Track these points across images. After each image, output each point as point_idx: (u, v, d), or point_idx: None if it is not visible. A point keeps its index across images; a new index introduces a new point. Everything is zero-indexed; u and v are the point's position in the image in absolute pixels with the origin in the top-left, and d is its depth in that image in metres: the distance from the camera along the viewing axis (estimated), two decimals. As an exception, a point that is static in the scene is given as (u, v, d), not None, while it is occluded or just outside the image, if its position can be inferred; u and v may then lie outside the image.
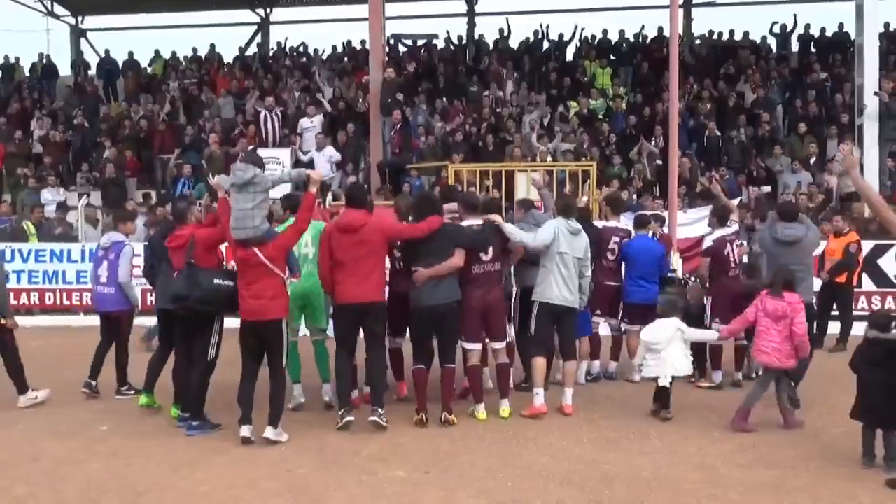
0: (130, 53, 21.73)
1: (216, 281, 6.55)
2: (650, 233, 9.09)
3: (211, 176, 7.44)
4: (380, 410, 6.76)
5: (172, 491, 5.49)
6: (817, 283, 9.01)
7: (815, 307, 8.39)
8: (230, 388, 6.80)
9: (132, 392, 8.00)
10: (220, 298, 6.56)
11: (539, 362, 7.19)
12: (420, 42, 21.17)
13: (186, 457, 6.20)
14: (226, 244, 6.84)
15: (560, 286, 7.17)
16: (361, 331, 6.92)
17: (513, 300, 7.71)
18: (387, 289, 7.18)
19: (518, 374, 7.96)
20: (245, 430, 6.40)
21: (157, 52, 22.14)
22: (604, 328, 8.87)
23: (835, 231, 9.59)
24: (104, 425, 7.08)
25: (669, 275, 8.91)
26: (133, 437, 6.69)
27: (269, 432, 6.37)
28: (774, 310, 6.71)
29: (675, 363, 7.13)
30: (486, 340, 7.31)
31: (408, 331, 7.40)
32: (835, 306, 10.26)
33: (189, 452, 6.31)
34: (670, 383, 7.17)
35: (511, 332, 7.60)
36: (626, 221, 8.85)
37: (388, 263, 7.24)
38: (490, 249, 7.08)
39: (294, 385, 7.39)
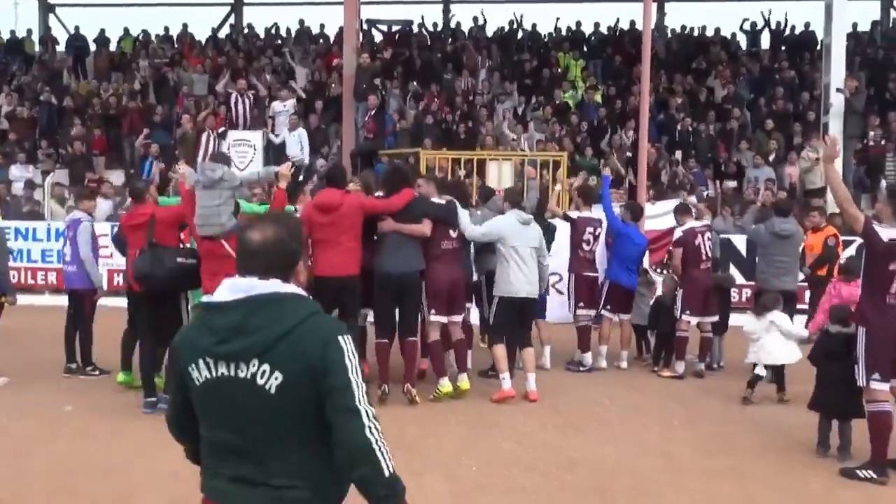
0: (102, 31, 21.29)
1: (179, 260, 6.58)
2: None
3: (181, 160, 7.46)
4: None
5: (139, 472, 5.47)
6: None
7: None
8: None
9: (97, 373, 7.93)
10: (184, 276, 6.58)
11: (500, 349, 7.32)
12: (395, 27, 21.04)
13: (153, 437, 6.11)
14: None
15: (518, 279, 7.28)
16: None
17: (476, 286, 7.88)
18: None
19: (487, 360, 8.04)
20: None
21: (126, 29, 21.72)
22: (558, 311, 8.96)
23: (812, 226, 9.72)
24: (69, 405, 7.01)
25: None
26: (99, 418, 6.64)
27: None
28: (850, 295, 6.84)
29: (773, 353, 7.21)
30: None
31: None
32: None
33: (156, 433, 6.19)
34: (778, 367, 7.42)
35: (476, 315, 7.68)
36: (598, 212, 8.91)
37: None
38: (457, 228, 7.25)
39: None
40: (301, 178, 7.75)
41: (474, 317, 8.40)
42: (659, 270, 9.64)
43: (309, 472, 2.35)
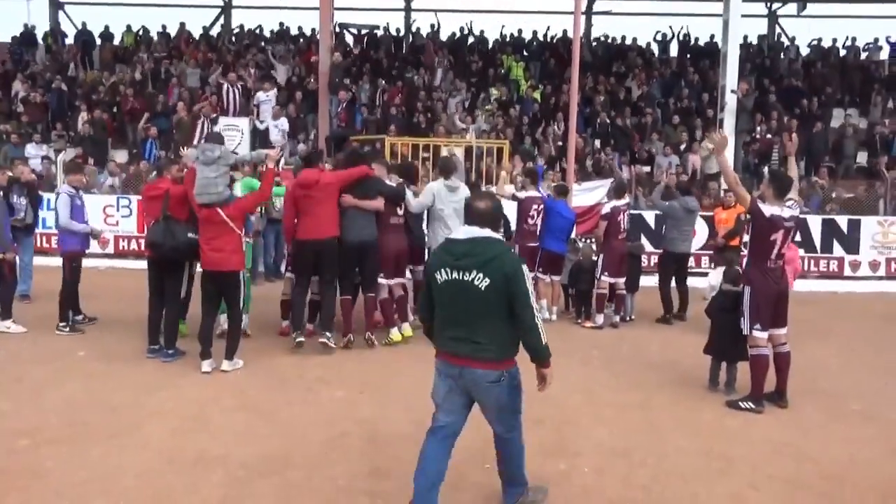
0: (106, 27, 20.50)
1: (190, 234, 6.42)
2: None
3: (181, 145, 7.32)
4: (328, 334, 6.85)
5: (143, 407, 5.40)
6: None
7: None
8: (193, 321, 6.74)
9: (67, 329, 7.50)
10: (191, 249, 6.45)
11: None
12: (363, 31, 20.66)
13: (154, 379, 6.09)
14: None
15: (444, 235, 7.28)
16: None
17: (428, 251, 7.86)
18: None
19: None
20: (205, 365, 6.24)
21: (128, 26, 20.95)
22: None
23: (723, 204, 9.85)
24: (81, 351, 6.87)
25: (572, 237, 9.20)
26: (107, 362, 6.51)
27: (226, 364, 6.28)
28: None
29: None
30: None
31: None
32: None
33: (156, 375, 6.19)
34: None
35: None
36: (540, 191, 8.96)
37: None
38: (403, 205, 7.33)
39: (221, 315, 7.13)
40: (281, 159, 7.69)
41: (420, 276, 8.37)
42: (584, 239, 9.75)
43: (497, 336, 3.56)
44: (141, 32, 20.59)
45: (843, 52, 20.09)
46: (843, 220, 12.75)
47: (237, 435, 4.87)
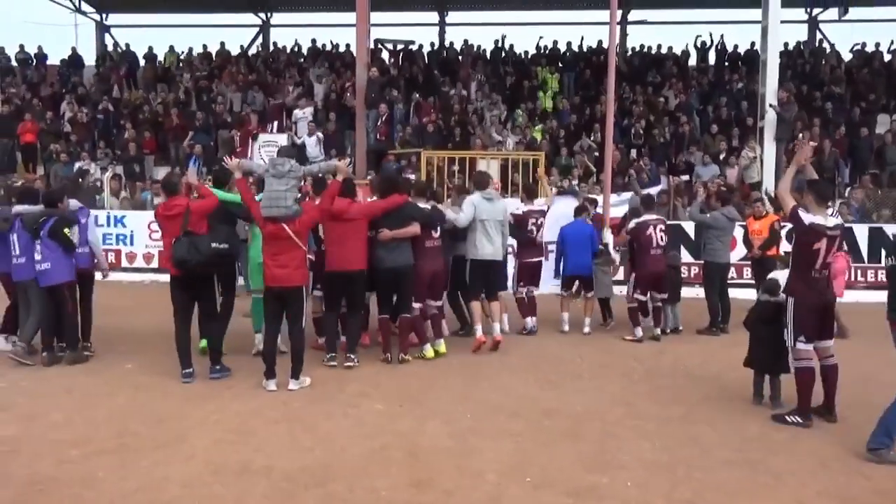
0: (150, 48, 21.15)
1: (213, 245, 6.38)
2: (588, 218, 9.13)
3: (228, 157, 7.47)
4: (352, 356, 6.97)
5: (188, 418, 5.52)
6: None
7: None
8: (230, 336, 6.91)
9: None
10: (218, 260, 6.43)
11: (476, 305, 7.74)
12: (399, 47, 20.92)
13: (198, 391, 6.22)
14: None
15: (484, 245, 7.63)
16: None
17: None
18: None
19: (452, 323, 8.28)
20: (271, 385, 6.20)
21: (171, 47, 21.58)
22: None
23: (755, 215, 9.71)
24: (129, 364, 7.06)
25: (600, 247, 9.09)
26: (153, 375, 6.66)
27: (293, 384, 6.25)
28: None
29: None
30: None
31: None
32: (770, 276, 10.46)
33: (200, 388, 6.32)
34: None
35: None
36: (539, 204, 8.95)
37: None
38: (438, 228, 7.40)
39: (256, 334, 7.25)
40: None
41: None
42: (618, 249, 9.71)
43: None
44: (183, 54, 21.17)
45: (887, 58, 19.63)
46: (890, 229, 12.41)
47: (280, 447, 4.95)
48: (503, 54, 20.33)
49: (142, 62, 21.00)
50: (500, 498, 4.21)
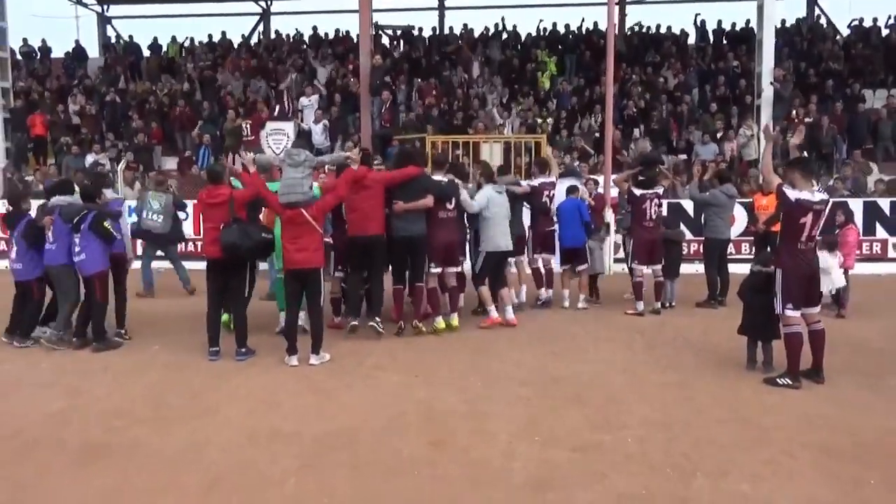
0: (155, 39, 21.41)
1: (263, 234, 6.81)
2: (580, 196, 9.43)
3: (244, 150, 7.87)
4: (377, 319, 7.37)
5: (219, 391, 5.94)
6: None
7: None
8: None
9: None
10: (265, 247, 6.87)
11: (484, 290, 8.09)
12: (398, 31, 21.14)
13: (225, 368, 6.61)
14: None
15: (498, 238, 7.98)
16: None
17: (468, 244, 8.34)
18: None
19: (472, 301, 8.63)
20: (293, 360, 6.57)
21: (173, 37, 21.83)
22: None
23: (762, 190, 9.80)
24: (156, 345, 7.45)
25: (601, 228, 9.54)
26: (179, 354, 7.06)
27: (314, 359, 6.62)
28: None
29: (836, 280, 8.07)
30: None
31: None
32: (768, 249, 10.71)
33: (226, 365, 6.70)
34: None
35: (467, 266, 8.29)
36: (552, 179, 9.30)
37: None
38: (453, 200, 7.70)
39: (281, 313, 7.50)
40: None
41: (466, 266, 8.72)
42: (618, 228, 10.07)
43: None
44: (186, 43, 21.41)
45: (885, 32, 19.80)
46: (885, 203, 12.76)
47: (306, 415, 5.36)
48: (504, 37, 20.54)
49: (146, 53, 21.25)
50: (512, 454, 4.62)
